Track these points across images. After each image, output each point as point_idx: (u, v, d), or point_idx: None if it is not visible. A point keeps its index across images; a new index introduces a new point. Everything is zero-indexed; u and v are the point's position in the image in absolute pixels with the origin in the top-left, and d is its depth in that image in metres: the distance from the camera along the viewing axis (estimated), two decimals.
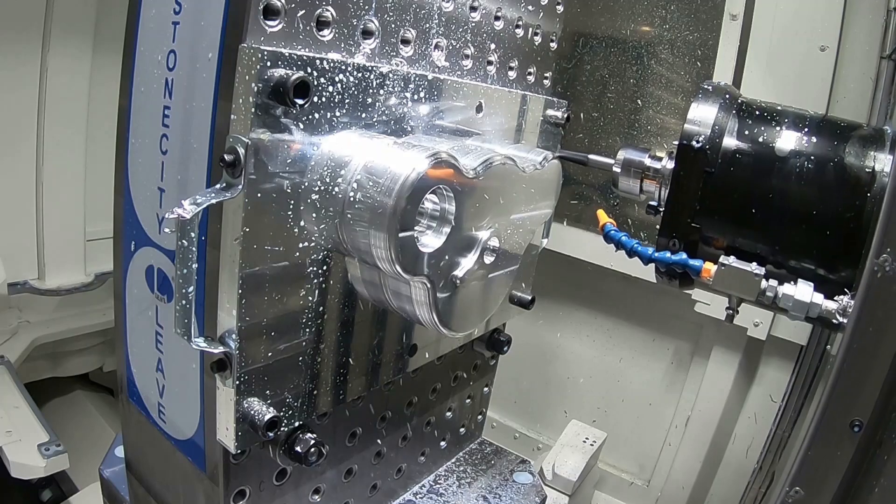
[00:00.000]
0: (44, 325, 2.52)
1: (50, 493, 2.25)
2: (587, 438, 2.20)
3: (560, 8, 1.23)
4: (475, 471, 1.39)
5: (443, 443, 1.36)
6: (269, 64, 0.69)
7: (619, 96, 2.02)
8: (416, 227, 0.79)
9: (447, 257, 0.86)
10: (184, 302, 0.71)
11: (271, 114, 0.71)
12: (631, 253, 0.96)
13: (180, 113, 0.80)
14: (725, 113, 0.96)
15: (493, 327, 1.30)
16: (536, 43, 1.19)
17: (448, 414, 1.34)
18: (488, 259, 0.95)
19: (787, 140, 0.92)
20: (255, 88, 0.69)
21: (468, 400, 1.40)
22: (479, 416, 1.48)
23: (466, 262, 0.90)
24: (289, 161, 0.75)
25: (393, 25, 0.87)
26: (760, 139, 0.93)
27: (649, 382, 2.32)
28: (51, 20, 2.20)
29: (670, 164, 0.99)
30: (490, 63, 1.09)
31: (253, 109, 0.69)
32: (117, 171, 0.92)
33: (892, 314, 0.71)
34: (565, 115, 1.26)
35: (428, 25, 0.93)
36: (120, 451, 1.18)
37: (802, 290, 0.82)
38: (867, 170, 0.86)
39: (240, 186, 0.71)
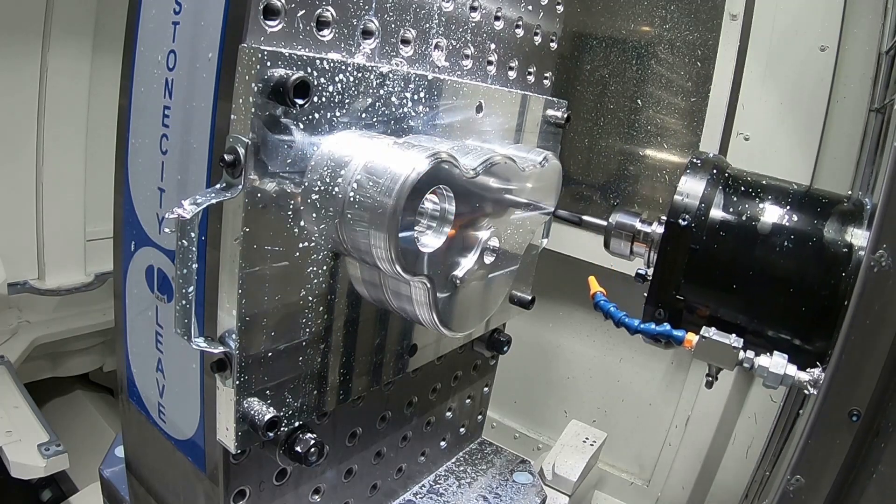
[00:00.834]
0: (44, 325, 2.52)
1: (50, 493, 2.25)
2: (587, 438, 2.20)
3: (560, 8, 1.23)
4: (475, 471, 1.39)
5: (443, 443, 1.36)
6: (269, 64, 0.69)
7: (619, 96, 2.02)
8: (416, 227, 0.79)
9: (447, 257, 0.86)
10: (184, 302, 0.71)
11: (271, 114, 0.71)
12: (618, 324, 1.01)
13: (180, 113, 0.80)
14: (712, 188, 1.02)
15: (493, 327, 1.30)
16: (536, 43, 1.19)
17: (448, 414, 1.34)
18: (488, 259, 0.95)
19: (770, 217, 0.99)
20: (255, 88, 0.69)
21: (468, 400, 1.40)
22: (479, 416, 1.48)
23: (466, 262, 0.90)
24: (289, 161, 0.75)
25: (393, 25, 0.87)
26: (744, 217, 1.00)
27: (649, 382, 2.32)
28: (51, 20, 2.20)
29: (660, 229, 1.05)
30: (490, 63, 1.09)
31: (253, 109, 0.69)
32: (117, 171, 0.92)
33: (888, 307, 0.74)
34: (565, 115, 1.26)
35: (428, 25, 0.93)
36: (120, 451, 1.18)
37: (777, 363, 0.88)
38: (844, 249, 0.92)
39: (240, 186, 0.71)
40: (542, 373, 2.53)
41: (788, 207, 0.99)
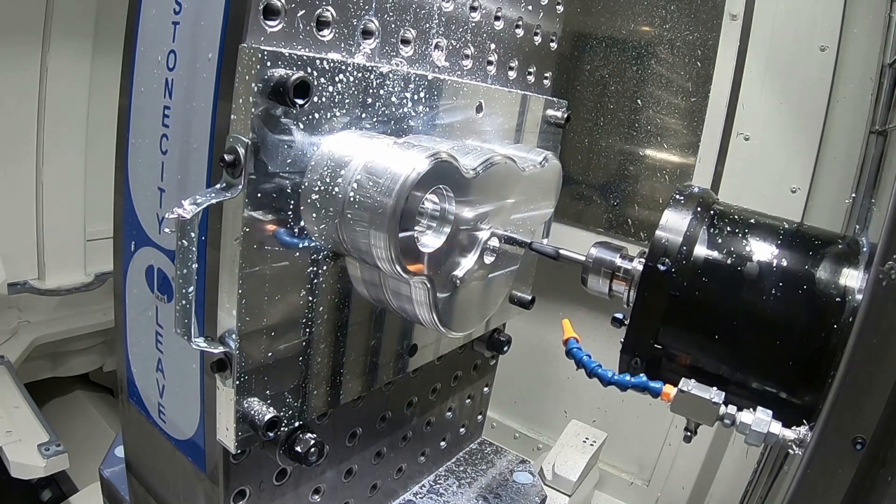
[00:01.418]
0: (44, 325, 2.52)
1: (50, 493, 2.25)
2: (587, 438, 2.20)
3: (560, 8, 1.23)
4: (475, 471, 1.39)
5: (443, 443, 1.36)
6: (269, 64, 0.69)
7: (619, 96, 2.02)
8: (416, 227, 0.79)
9: (447, 257, 0.86)
10: (184, 302, 0.71)
11: (271, 114, 0.71)
12: (591, 374, 0.96)
13: (180, 113, 0.80)
14: (696, 228, 0.93)
15: (493, 327, 1.30)
16: (536, 43, 1.19)
17: (448, 414, 1.34)
18: (488, 259, 0.95)
19: (758, 260, 0.89)
20: (255, 88, 0.69)
21: (468, 400, 1.40)
22: (479, 416, 1.48)
23: (466, 262, 0.90)
24: (289, 161, 0.75)
25: (393, 25, 0.87)
26: (730, 260, 0.90)
27: None
28: (51, 21, 2.20)
29: (641, 266, 0.96)
30: (490, 63, 1.09)
31: (253, 109, 0.69)
32: (117, 171, 0.92)
33: None
34: (565, 115, 1.26)
35: (428, 25, 0.93)
36: (120, 451, 1.18)
37: (760, 419, 0.81)
38: (837, 298, 0.83)
39: (240, 186, 0.71)
40: (542, 373, 2.53)
41: (778, 249, 0.90)
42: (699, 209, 0.94)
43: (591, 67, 2.07)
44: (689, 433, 0.98)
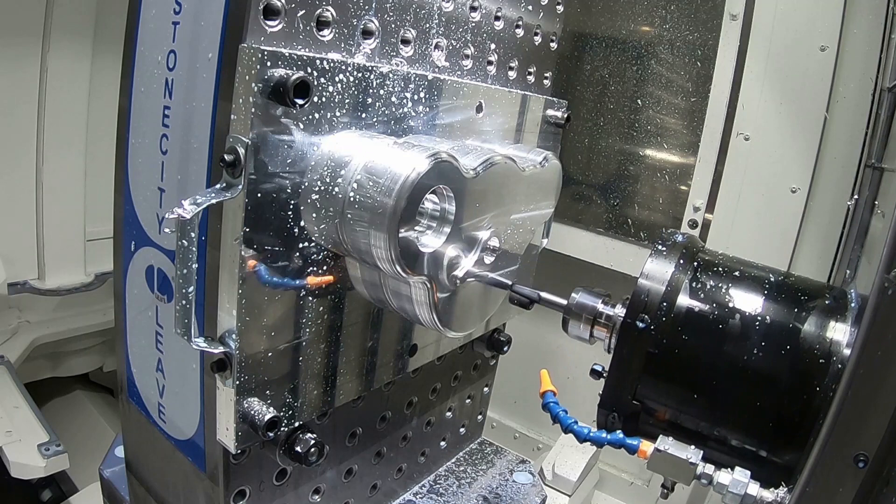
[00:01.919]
0: (44, 325, 2.52)
1: (50, 493, 2.25)
2: None
3: (560, 8, 1.23)
4: (475, 471, 1.39)
5: (443, 443, 1.36)
6: (269, 64, 0.69)
7: (619, 96, 2.02)
8: (416, 227, 0.79)
9: (447, 257, 0.86)
10: (184, 302, 0.71)
11: (271, 114, 0.71)
12: (566, 430, 0.94)
13: (180, 113, 0.80)
14: (677, 283, 0.89)
15: (493, 327, 1.30)
16: (536, 43, 1.19)
17: (448, 414, 1.34)
18: (488, 259, 0.95)
19: (741, 316, 0.86)
20: (255, 88, 0.69)
21: (468, 400, 1.40)
22: (479, 416, 1.48)
23: (466, 262, 0.90)
24: (289, 161, 0.75)
25: (393, 25, 0.87)
26: (712, 317, 0.87)
27: None
28: (51, 21, 2.20)
29: (623, 312, 0.94)
30: (490, 63, 1.09)
31: (253, 109, 0.69)
32: (117, 171, 0.92)
33: None
34: (565, 115, 1.26)
35: (428, 25, 0.93)
36: (120, 451, 1.18)
37: (738, 481, 0.79)
38: (821, 360, 0.80)
39: (240, 186, 0.71)
40: None
41: (763, 305, 0.86)
42: (682, 261, 0.91)
43: (591, 67, 2.07)
44: (665, 490, 0.97)
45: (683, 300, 0.88)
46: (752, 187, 1.73)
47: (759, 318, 0.85)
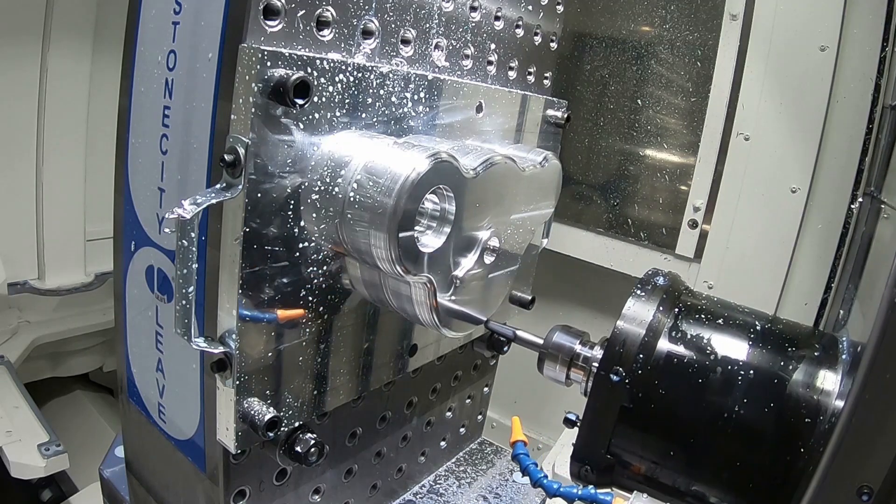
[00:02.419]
0: (44, 325, 2.52)
1: (50, 493, 2.25)
2: None
3: (560, 8, 1.23)
4: (475, 471, 1.39)
5: (443, 443, 1.36)
6: (269, 64, 0.69)
7: (619, 96, 2.02)
8: (416, 227, 0.79)
9: (447, 257, 0.86)
10: (184, 302, 0.71)
11: (271, 114, 0.71)
12: (535, 484, 0.92)
13: (180, 113, 0.80)
14: (655, 332, 0.83)
15: None
16: (536, 43, 1.19)
17: (448, 414, 1.34)
18: (488, 259, 0.95)
19: (723, 369, 0.80)
20: (255, 88, 0.69)
21: (468, 400, 1.40)
22: (479, 416, 1.48)
23: (466, 262, 0.90)
24: (289, 161, 0.75)
25: (393, 25, 0.87)
26: (692, 369, 0.81)
27: None
28: (51, 20, 2.20)
29: (601, 354, 0.89)
30: (490, 63, 1.09)
31: (253, 109, 0.69)
32: (117, 171, 0.92)
33: None
34: (565, 115, 1.26)
35: (428, 25, 0.93)
36: (120, 451, 1.18)
37: None
38: (807, 418, 0.74)
39: (240, 186, 0.71)
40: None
41: (746, 358, 0.80)
42: (662, 307, 0.86)
43: (591, 67, 2.07)
44: None
45: (662, 350, 0.82)
46: (752, 187, 1.73)
47: (742, 371, 0.79)
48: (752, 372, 0.79)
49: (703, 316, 0.86)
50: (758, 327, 0.84)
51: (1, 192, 2.25)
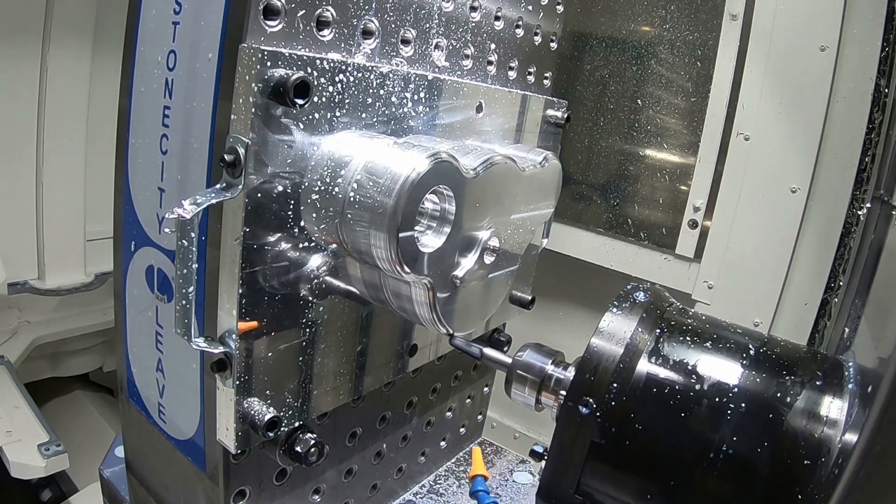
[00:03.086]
0: (44, 325, 2.52)
1: (50, 493, 2.25)
2: None
3: (560, 8, 1.23)
4: None
5: (443, 443, 1.36)
6: (269, 64, 0.69)
7: (619, 96, 2.02)
8: (416, 227, 0.79)
9: (447, 257, 0.86)
10: (184, 302, 0.71)
11: (271, 114, 0.71)
12: None
13: (180, 113, 0.80)
14: (633, 357, 0.73)
15: (493, 327, 1.30)
16: (536, 43, 1.19)
17: (448, 414, 1.34)
18: (488, 259, 0.95)
19: (709, 403, 0.69)
20: (255, 88, 0.69)
21: (468, 400, 1.40)
22: (479, 416, 1.48)
23: (466, 262, 0.90)
24: (289, 161, 0.75)
25: (393, 25, 0.87)
26: (673, 402, 0.70)
27: None
28: (51, 20, 2.20)
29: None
30: (490, 63, 1.09)
31: (253, 109, 0.69)
32: (117, 171, 0.92)
33: None
34: (565, 115, 1.26)
35: (428, 25, 0.93)
36: (120, 451, 1.18)
37: None
38: (806, 460, 0.64)
39: (240, 186, 0.71)
40: None
41: (737, 389, 0.69)
42: (641, 328, 0.75)
43: (591, 67, 2.07)
44: None
45: (641, 376, 0.72)
46: (752, 187, 1.73)
47: (732, 404, 0.69)
48: (743, 405, 0.69)
49: (689, 337, 0.75)
50: (751, 351, 0.74)
51: (1, 192, 2.25)
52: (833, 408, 0.67)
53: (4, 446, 1.84)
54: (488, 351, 0.91)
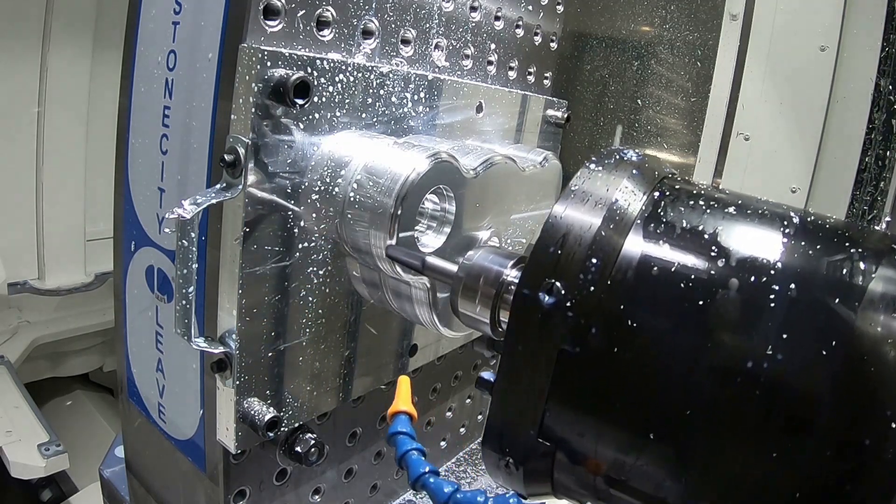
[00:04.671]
0: (44, 325, 2.52)
1: (50, 493, 2.25)
2: None
3: (560, 8, 1.23)
4: (475, 471, 1.39)
5: (443, 443, 1.36)
6: (269, 64, 0.69)
7: (619, 96, 2.02)
8: (416, 227, 0.79)
9: (447, 257, 0.86)
10: (184, 302, 0.71)
11: (271, 114, 0.71)
12: (416, 484, 0.59)
13: (180, 113, 0.80)
14: (622, 220, 0.49)
15: None
16: (536, 43, 1.19)
17: (448, 414, 1.34)
18: None
19: (739, 283, 0.44)
20: (256, 88, 0.69)
21: (468, 400, 1.40)
22: (479, 416, 1.48)
23: None
24: (289, 161, 0.75)
25: (393, 25, 0.87)
26: (683, 284, 0.45)
27: None
28: (51, 20, 2.20)
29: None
30: (490, 63, 1.09)
31: (253, 109, 0.69)
32: (117, 171, 0.92)
33: None
34: (565, 115, 1.26)
35: (428, 25, 0.93)
36: (120, 451, 1.18)
37: None
38: (889, 380, 0.39)
39: (240, 186, 0.71)
40: None
41: (781, 267, 0.44)
42: (632, 186, 0.51)
43: (591, 67, 2.07)
44: None
45: (632, 252, 0.47)
46: (752, 187, 1.73)
47: (777, 285, 0.43)
48: (793, 285, 0.43)
49: (702, 202, 0.50)
50: (794, 219, 0.49)
51: (1, 192, 2.25)
52: None
53: (4, 446, 1.84)
54: (432, 259, 0.69)
